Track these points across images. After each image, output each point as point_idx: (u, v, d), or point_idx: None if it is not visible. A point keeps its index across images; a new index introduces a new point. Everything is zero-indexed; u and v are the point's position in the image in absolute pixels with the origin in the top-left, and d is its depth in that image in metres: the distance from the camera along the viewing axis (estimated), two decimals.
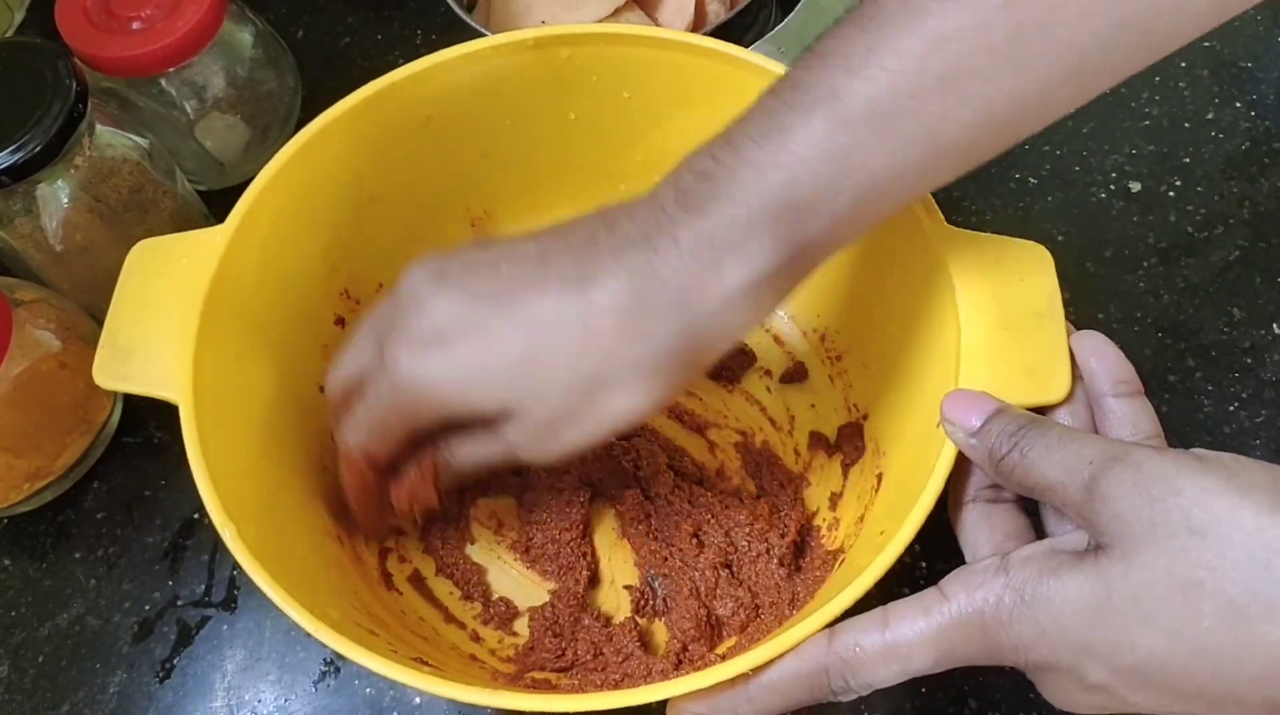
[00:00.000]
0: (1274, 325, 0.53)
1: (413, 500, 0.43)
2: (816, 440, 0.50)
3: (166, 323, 0.41)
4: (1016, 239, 0.40)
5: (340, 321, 0.50)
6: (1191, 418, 0.51)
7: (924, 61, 0.33)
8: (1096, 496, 0.31)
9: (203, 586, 0.50)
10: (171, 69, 0.55)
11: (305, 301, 0.48)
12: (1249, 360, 0.52)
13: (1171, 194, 0.58)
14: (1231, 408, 0.51)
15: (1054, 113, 0.35)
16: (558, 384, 0.36)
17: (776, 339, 0.53)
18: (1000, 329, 0.38)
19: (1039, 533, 0.38)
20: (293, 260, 0.47)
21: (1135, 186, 0.58)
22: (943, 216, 0.41)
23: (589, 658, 0.45)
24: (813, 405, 0.51)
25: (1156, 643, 0.29)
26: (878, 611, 0.34)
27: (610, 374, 0.35)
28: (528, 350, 0.36)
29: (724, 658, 0.41)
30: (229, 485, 0.38)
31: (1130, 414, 0.37)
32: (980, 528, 0.37)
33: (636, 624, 0.45)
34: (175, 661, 0.48)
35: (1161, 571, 0.29)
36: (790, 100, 0.34)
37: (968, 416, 0.36)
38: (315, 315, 0.49)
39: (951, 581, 0.33)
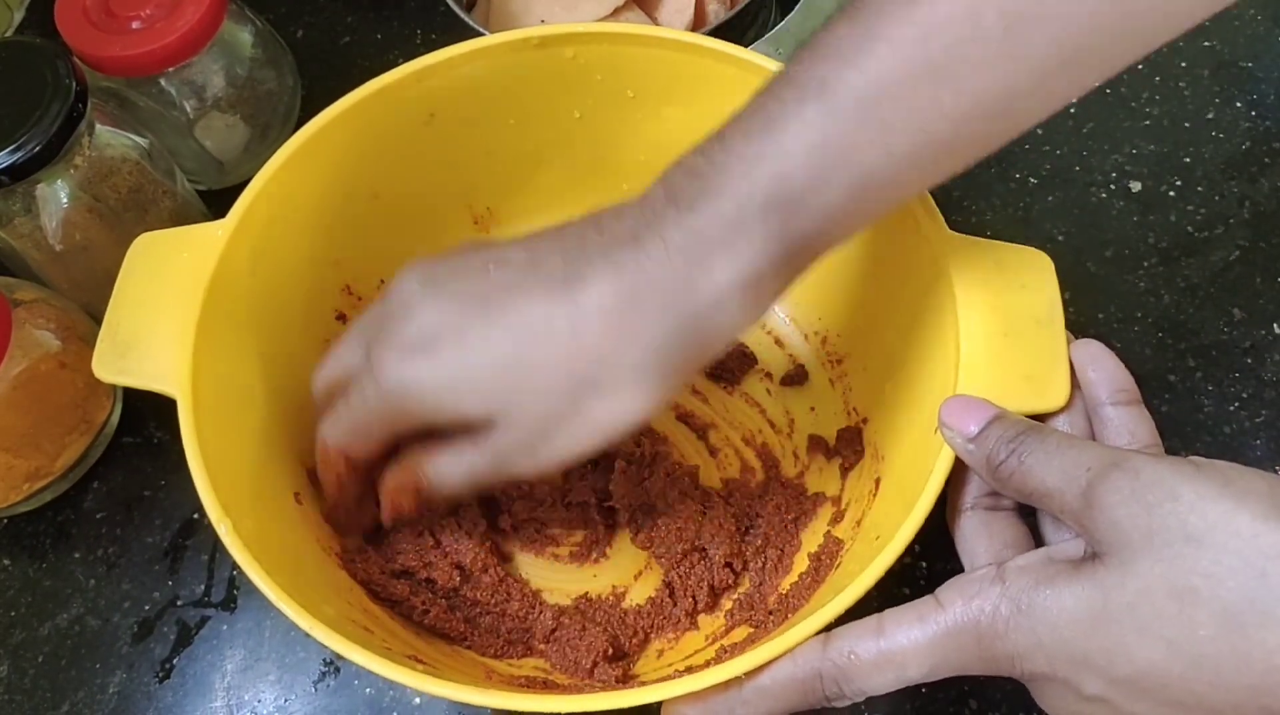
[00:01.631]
0: (1274, 325, 0.53)
1: (395, 508, 0.43)
2: (816, 443, 0.50)
3: (167, 317, 0.41)
4: (1018, 245, 0.40)
5: (341, 317, 0.51)
6: (1192, 418, 0.51)
7: (915, 49, 0.32)
8: (1094, 504, 0.31)
9: (202, 586, 0.50)
10: (171, 69, 0.55)
11: (306, 297, 0.49)
12: (1249, 360, 0.52)
13: (1172, 194, 0.58)
14: (1232, 408, 0.51)
15: (1047, 105, 0.35)
16: (545, 389, 0.35)
17: (777, 341, 0.53)
18: (1000, 335, 0.38)
19: (1037, 540, 0.38)
20: (294, 256, 0.47)
21: (1135, 186, 0.58)
22: (944, 220, 0.41)
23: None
24: (813, 408, 0.51)
25: (1154, 652, 0.29)
26: (873, 619, 0.34)
27: (600, 377, 0.35)
28: (514, 355, 0.35)
29: (719, 660, 0.41)
30: (226, 480, 0.38)
31: (1128, 422, 0.37)
32: (978, 535, 0.37)
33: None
34: (175, 661, 0.48)
35: (1158, 580, 0.29)
36: (782, 95, 0.34)
37: (966, 423, 0.36)
38: (316, 311, 0.50)
39: (948, 590, 0.33)
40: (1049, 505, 0.33)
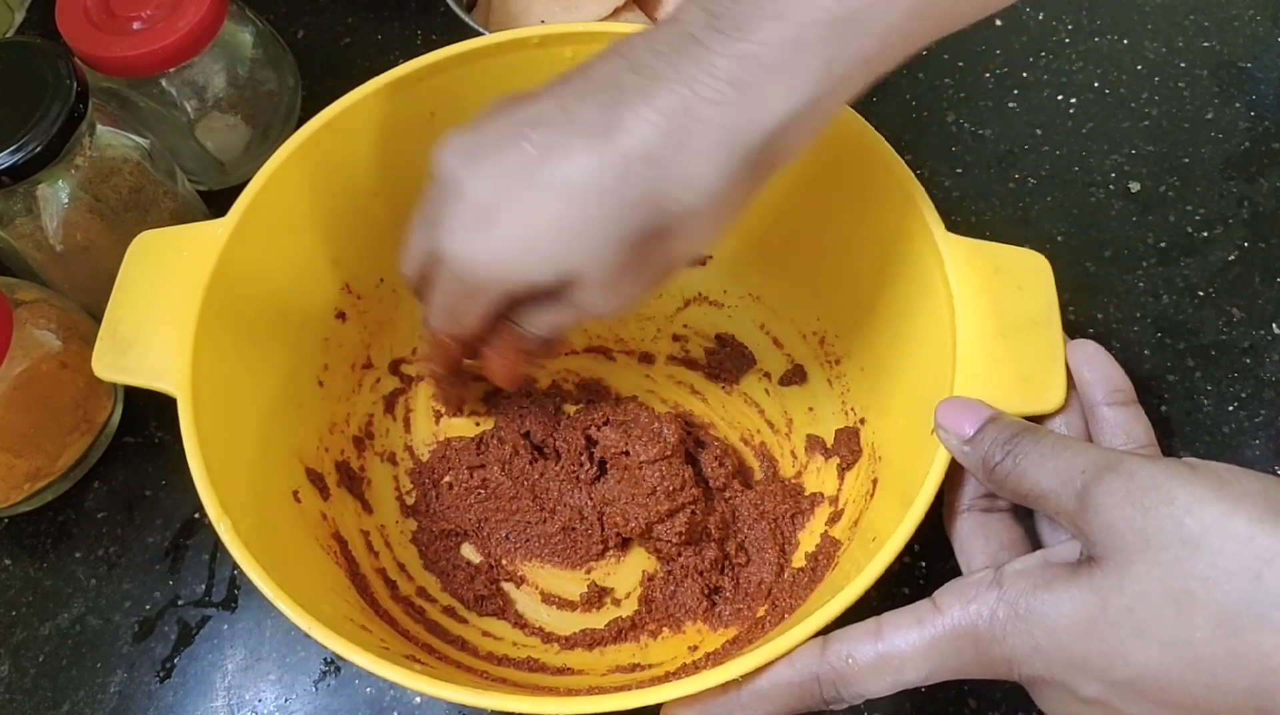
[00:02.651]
0: (1273, 325, 0.53)
1: (510, 373, 0.44)
2: (813, 443, 0.50)
3: (167, 315, 0.41)
4: (1015, 247, 0.40)
5: (341, 315, 0.51)
6: (1191, 418, 0.51)
7: None
8: (1089, 506, 0.31)
9: (203, 586, 0.50)
10: (172, 69, 0.55)
11: (306, 295, 0.49)
12: (1248, 360, 0.52)
13: (1171, 194, 0.58)
14: (1231, 408, 0.51)
15: None
16: (607, 244, 0.34)
17: (776, 341, 0.53)
18: (997, 337, 0.38)
19: (1034, 541, 0.38)
20: (294, 254, 0.47)
21: (1135, 186, 0.58)
22: (942, 222, 0.41)
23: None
24: (811, 408, 0.51)
25: (1150, 655, 0.29)
26: (871, 622, 0.34)
27: (661, 221, 0.34)
28: (568, 215, 0.34)
29: (715, 663, 0.41)
30: (226, 479, 0.39)
31: (1124, 423, 0.37)
32: (975, 537, 0.37)
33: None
34: (176, 661, 0.49)
35: (1154, 583, 0.29)
36: None
37: (961, 424, 0.36)
38: (316, 309, 0.50)
39: (945, 593, 0.33)
40: (1044, 507, 0.33)
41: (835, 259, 0.48)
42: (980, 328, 0.38)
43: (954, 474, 0.37)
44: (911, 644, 0.33)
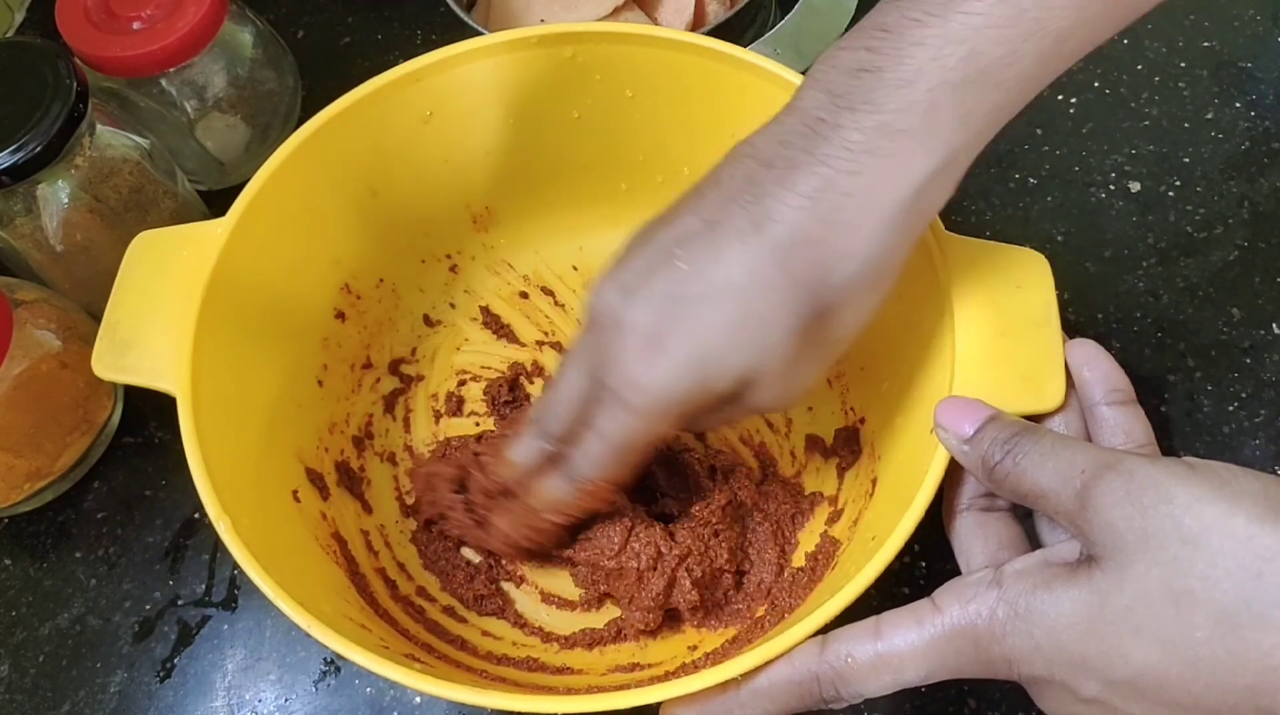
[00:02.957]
0: (1274, 325, 0.53)
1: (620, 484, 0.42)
2: (813, 443, 0.50)
3: (166, 315, 0.41)
4: (1015, 247, 0.40)
5: (340, 315, 0.51)
6: (1191, 418, 0.51)
7: None
8: (1088, 505, 0.31)
9: (203, 586, 0.50)
10: (172, 69, 0.55)
11: (306, 295, 0.49)
12: (1248, 360, 0.52)
13: (1171, 194, 0.58)
14: (1231, 408, 0.51)
15: None
16: (782, 334, 0.35)
17: None
18: (996, 336, 0.38)
19: (1033, 541, 0.38)
20: (293, 254, 0.47)
21: (1135, 186, 0.58)
22: (941, 222, 0.41)
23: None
24: (810, 408, 0.51)
25: (1150, 654, 0.29)
26: (870, 621, 0.34)
27: (828, 300, 0.35)
28: (739, 314, 0.35)
29: (715, 662, 0.41)
30: (225, 478, 0.39)
31: (1123, 422, 0.37)
32: (974, 536, 0.37)
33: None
34: (176, 661, 0.49)
35: (1154, 582, 0.29)
36: None
37: (961, 423, 0.36)
38: (315, 309, 0.50)
39: (945, 593, 0.33)
40: (1044, 507, 0.33)
41: None
42: (979, 327, 0.39)
43: (953, 473, 0.37)
44: (910, 643, 0.33)
